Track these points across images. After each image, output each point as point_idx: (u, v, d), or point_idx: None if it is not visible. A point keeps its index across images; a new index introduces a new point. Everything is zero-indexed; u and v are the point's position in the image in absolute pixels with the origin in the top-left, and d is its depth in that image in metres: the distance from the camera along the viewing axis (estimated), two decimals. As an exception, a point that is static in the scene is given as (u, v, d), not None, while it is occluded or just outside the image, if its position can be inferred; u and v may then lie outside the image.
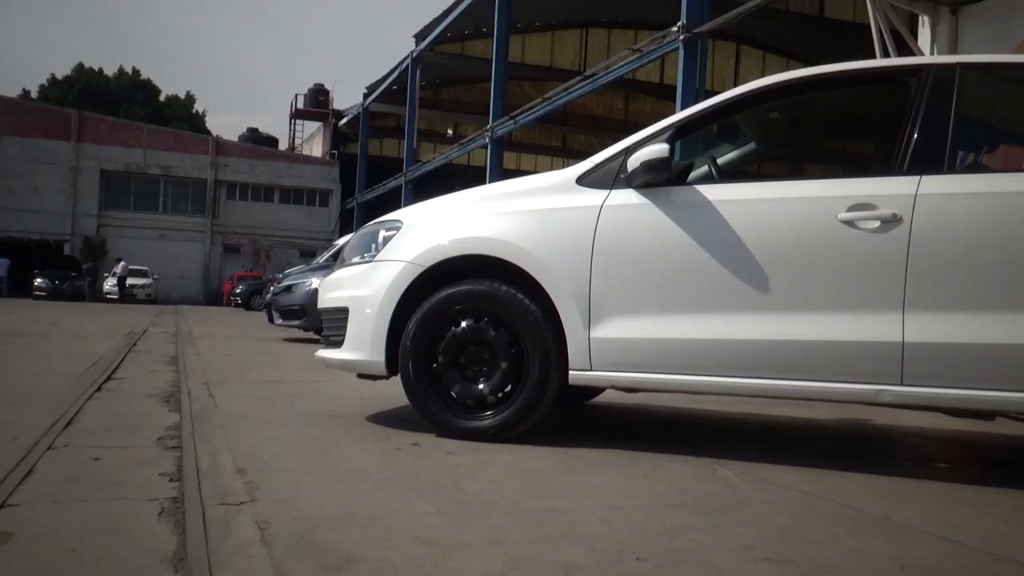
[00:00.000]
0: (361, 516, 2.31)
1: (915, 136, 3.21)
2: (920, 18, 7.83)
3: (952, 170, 3.21)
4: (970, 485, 3.14)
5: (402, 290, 3.62)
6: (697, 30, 13.03)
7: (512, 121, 20.77)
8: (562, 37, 34.06)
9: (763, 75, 3.91)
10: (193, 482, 2.61)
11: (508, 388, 3.51)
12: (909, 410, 4.80)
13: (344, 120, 40.39)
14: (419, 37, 28.38)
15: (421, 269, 3.61)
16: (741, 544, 2.16)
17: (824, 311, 3.14)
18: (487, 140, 21.93)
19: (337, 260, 4.30)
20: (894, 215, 3.07)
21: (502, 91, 21.78)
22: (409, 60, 29.24)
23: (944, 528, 2.42)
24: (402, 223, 3.79)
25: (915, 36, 7.92)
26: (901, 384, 3.05)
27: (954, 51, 7.42)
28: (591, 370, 3.40)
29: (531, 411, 3.46)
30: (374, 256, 3.80)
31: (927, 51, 7.68)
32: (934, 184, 3.10)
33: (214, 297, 37.00)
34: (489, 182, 13.97)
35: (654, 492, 2.76)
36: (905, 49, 7.88)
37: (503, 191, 3.81)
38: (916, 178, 3.12)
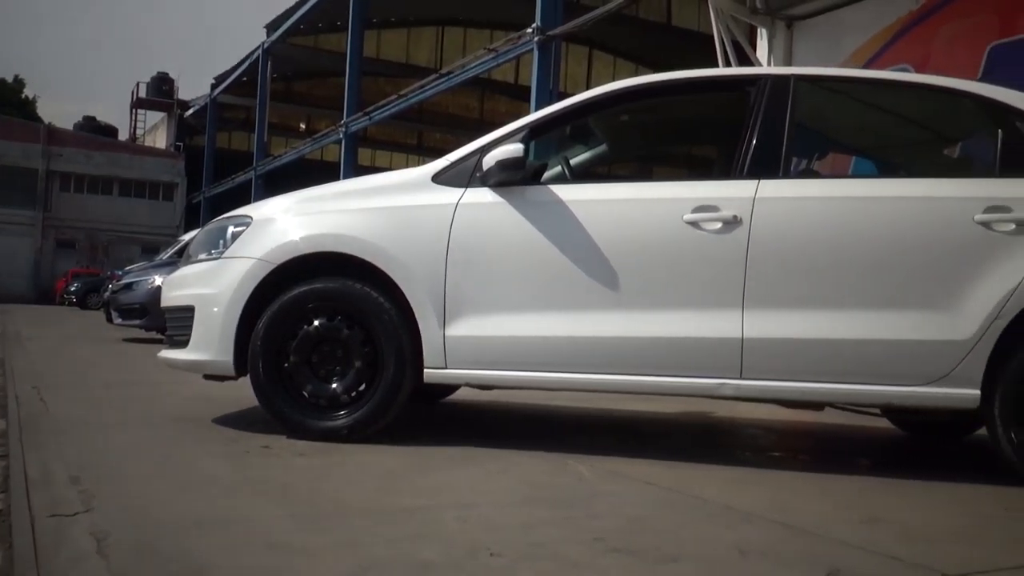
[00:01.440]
0: (209, 523, 2.22)
1: (754, 142, 3.38)
2: (759, 30, 8.26)
3: (787, 175, 3.43)
4: (803, 472, 3.34)
5: (251, 288, 3.51)
6: (551, 32, 13.26)
7: (367, 117, 20.52)
8: (418, 34, 33.97)
9: (614, 79, 4.03)
10: (21, 492, 2.44)
11: (362, 387, 3.46)
12: (747, 402, 5.05)
13: (190, 111, 38.79)
14: (271, 28, 27.60)
15: (272, 266, 3.51)
16: (592, 536, 2.21)
17: (670, 308, 3.26)
18: (341, 136, 21.56)
19: (182, 257, 4.13)
20: (735, 217, 3.23)
21: (357, 86, 21.47)
22: (260, 51, 28.37)
23: (780, 513, 2.56)
24: (252, 219, 3.67)
25: (754, 47, 8.34)
26: (740, 378, 3.21)
27: (789, 63, 7.86)
28: (446, 368, 3.40)
29: (385, 410, 3.43)
30: (222, 253, 3.66)
31: (765, 62, 8.10)
32: (771, 188, 3.28)
33: (46, 295, 34.70)
34: (343, 178, 13.75)
35: (508, 488, 2.79)
36: (745, 59, 8.27)
37: (357, 188, 3.76)
38: (755, 182, 3.29)
